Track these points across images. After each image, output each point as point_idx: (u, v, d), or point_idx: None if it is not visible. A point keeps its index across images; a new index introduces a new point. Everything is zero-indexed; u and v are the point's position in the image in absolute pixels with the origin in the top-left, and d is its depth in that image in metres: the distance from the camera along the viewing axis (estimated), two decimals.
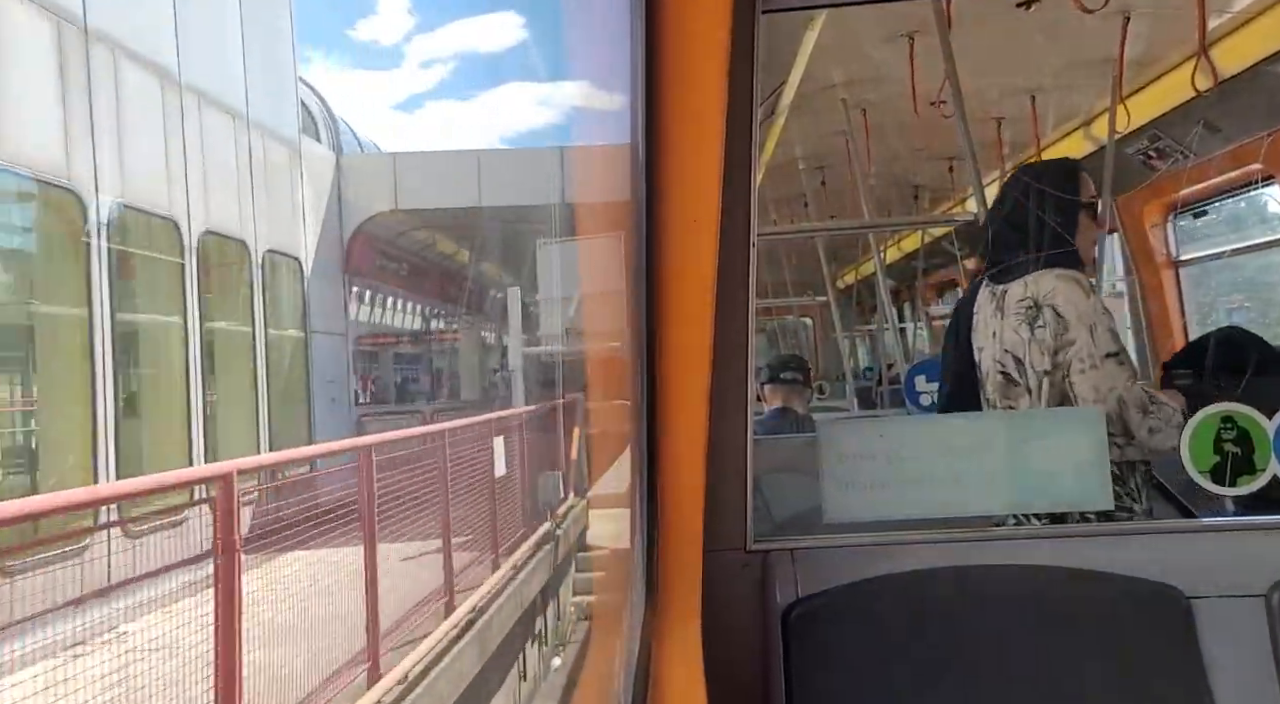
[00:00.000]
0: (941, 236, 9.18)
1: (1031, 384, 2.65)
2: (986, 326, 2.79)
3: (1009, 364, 2.71)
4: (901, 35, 4.80)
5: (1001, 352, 2.73)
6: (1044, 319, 2.64)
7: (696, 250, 1.69)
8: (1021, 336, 2.68)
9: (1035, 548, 2.18)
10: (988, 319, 2.79)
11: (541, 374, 17.21)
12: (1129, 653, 2.05)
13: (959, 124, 4.20)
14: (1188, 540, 2.19)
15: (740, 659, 2.07)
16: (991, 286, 2.81)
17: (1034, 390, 2.65)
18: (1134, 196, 6.00)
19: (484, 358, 25.59)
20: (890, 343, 10.40)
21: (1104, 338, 2.59)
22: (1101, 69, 5.29)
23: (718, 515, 2.00)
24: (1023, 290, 2.71)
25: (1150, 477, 2.65)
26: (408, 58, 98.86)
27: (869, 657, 2.06)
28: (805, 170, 7.98)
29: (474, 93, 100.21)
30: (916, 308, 12.40)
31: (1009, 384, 2.70)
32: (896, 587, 2.09)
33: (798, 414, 4.66)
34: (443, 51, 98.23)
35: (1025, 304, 2.70)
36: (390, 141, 75.16)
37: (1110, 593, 2.08)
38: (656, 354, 1.79)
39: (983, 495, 2.25)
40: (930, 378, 4.72)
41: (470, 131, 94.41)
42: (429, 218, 19.56)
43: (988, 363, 2.77)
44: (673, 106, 1.53)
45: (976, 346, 2.81)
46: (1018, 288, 2.72)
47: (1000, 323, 2.74)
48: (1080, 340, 2.60)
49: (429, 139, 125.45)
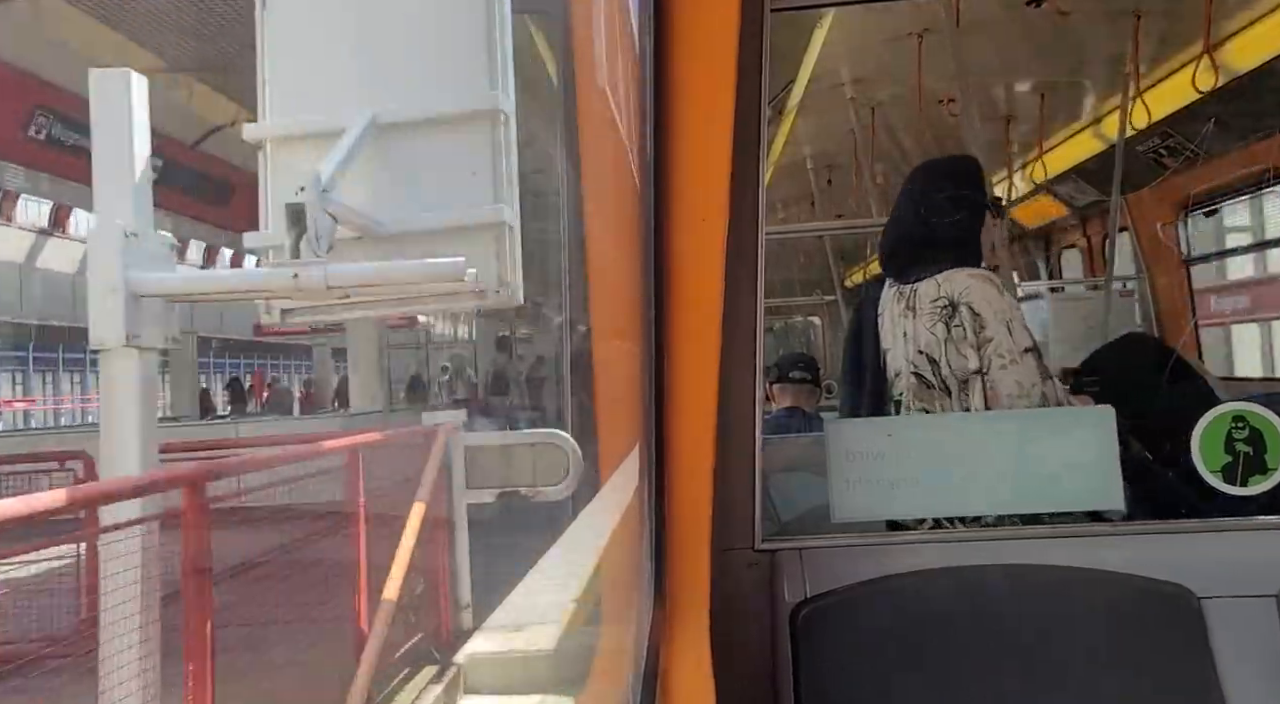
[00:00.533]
0: None
1: (951, 385, 2.61)
2: (895, 326, 2.71)
3: (923, 365, 2.65)
4: (910, 34, 4.79)
5: (915, 352, 2.66)
6: (960, 318, 2.60)
7: (705, 249, 1.69)
8: (938, 336, 2.63)
9: (1045, 547, 2.17)
10: (896, 318, 2.71)
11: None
12: (1139, 653, 2.04)
13: (967, 123, 4.18)
14: (1199, 540, 2.18)
15: (749, 658, 2.06)
16: (898, 286, 2.73)
17: (954, 391, 2.60)
18: (1144, 195, 5.98)
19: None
20: None
21: (1020, 333, 2.58)
22: (1111, 67, 5.28)
23: (726, 514, 1.99)
24: (935, 289, 2.66)
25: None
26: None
27: (878, 656, 2.05)
28: (813, 169, 7.97)
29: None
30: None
31: (923, 386, 2.64)
32: (905, 586, 2.09)
33: (806, 413, 4.65)
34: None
35: (940, 303, 2.64)
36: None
37: (1120, 593, 2.07)
38: (665, 353, 1.78)
39: (992, 494, 2.24)
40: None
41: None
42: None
43: (898, 364, 2.70)
44: (681, 104, 1.53)
45: (883, 347, 2.74)
46: (929, 287, 2.66)
47: (912, 323, 2.68)
48: (998, 336, 2.58)
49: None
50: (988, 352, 2.59)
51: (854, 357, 2.86)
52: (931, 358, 2.63)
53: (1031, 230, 8.34)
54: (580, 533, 7.17)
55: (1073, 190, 7.04)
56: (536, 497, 6.52)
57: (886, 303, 2.74)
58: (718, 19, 1.48)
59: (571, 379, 11.91)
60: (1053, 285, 7.89)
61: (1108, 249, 6.09)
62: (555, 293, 19.60)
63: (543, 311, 13.93)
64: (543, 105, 6.77)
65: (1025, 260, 8.79)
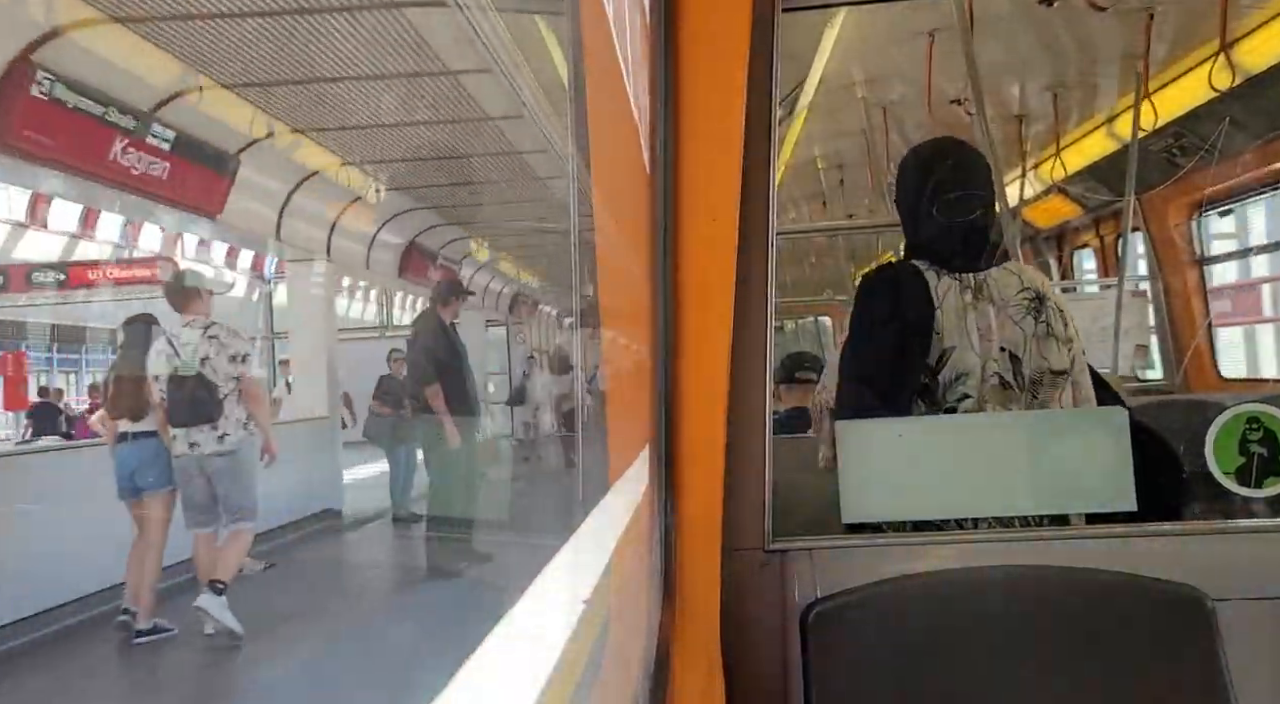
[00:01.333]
0: None
1: (1026, 385, 2.35)
2: (960, 320, 2.35)
3: (1004, 364, 2.34)
4: (922, 33, 4.77)
5: (997, 351, 2.34)
6: (1046, 313, 2.36)
7: (716, 248, 1.69)
8: (1025, 332, 2.35)
9: (1055, 548, 2.16)
10: (961, 312, 2.35)
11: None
12: (1150, 656, 2.03)
13: (979, 122, 4.17)
14: (1212, 541, 2.17)
15: (759, 658, 2.06)
16: (960, 276, 2.38)
17: (1024, 392, 2.34)
18: (1158, 195, 5.95)
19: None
20: None
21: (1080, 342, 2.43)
22: (1125, 66, 5.25)
23: (736, 514, 1.99)
24: (1017, 280, 2.39)
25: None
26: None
27: (889, 656, 2.05)
28: (824, 169, 7.96)
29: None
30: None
31: (1002, 387, 2.34)
32: (915, 587, 2.08)
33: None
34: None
35: (1027, 295, 2.37)
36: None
37: (1131, 595, 2.06)
38: (675, 352, 1.78)
39: (1003, 495, 2.23)
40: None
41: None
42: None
43: (967, 363, 2.34)
44: (693, 104, 1.53)
45: (945, 345, 2.35)
46: (1006, 277, 2.38)
47: (994, 316, 2.35)
48: (1078, 340, 2.41)
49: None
50: (1074, 350, 2.38)
51: (871, 351, 2.46)
52: (1015, 355, 2.34)
53: (1044, 230, 8.32)
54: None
55: (1085, 190, 7.02)
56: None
57: (943, 294, 2.36)
58: (729, 18, 1.48)
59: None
60: (1064, 286, 7.86)
61: (1120, 249, 6.06)
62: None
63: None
64: (555, 105, 6.74)
65: (1038, 261, 8.76)
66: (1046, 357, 2.35)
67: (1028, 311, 2.36)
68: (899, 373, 2.36)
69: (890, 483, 2.20)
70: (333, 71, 8.63)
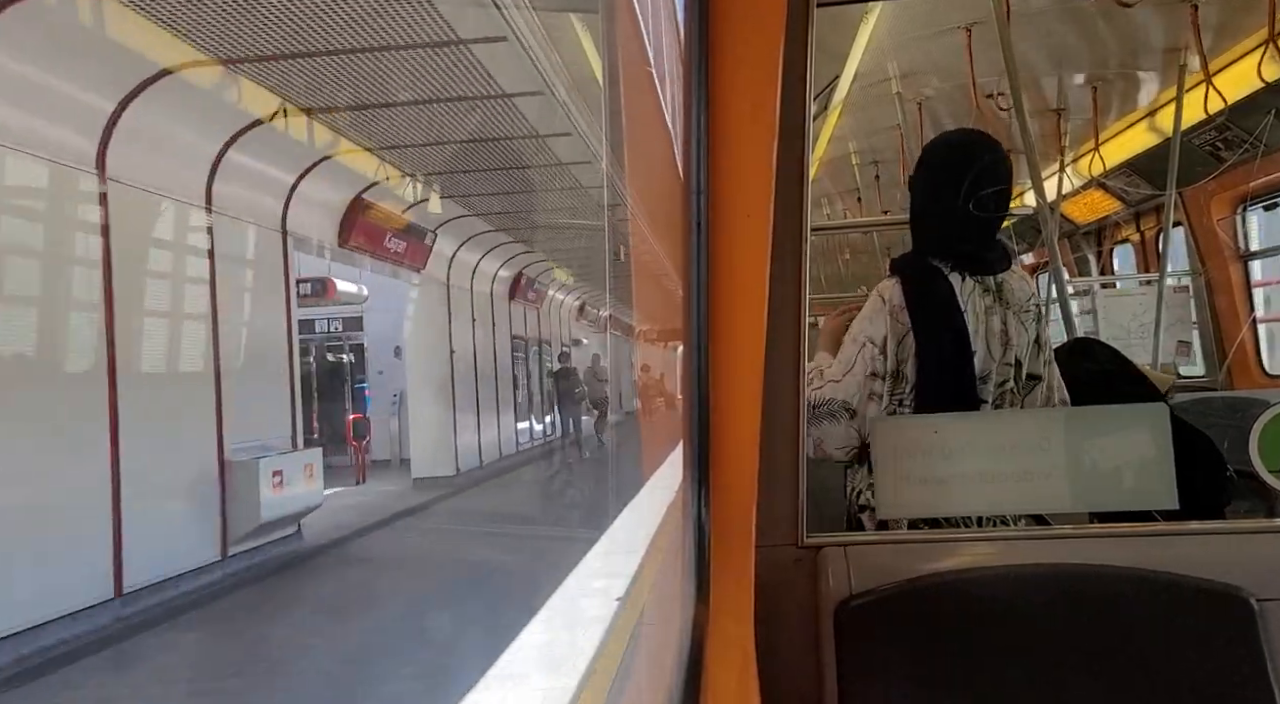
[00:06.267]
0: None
1: (1022, 389, 2.41)
2: (980, 323, 2.36)
3: (1011, 370, 2.38)
4: (959, 27, 4.73)
5: (1010, 356, 2.38)
6: (1043, 319, 2.42)
7: (750, 244, 1.69)
8: (1029, 336, 2.40)
9: (1093, 547, 2.13)
10: (980, 315, 2.37)
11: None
12: (1191, 657, 2.00)
13: (1016, 117, 4.12)
14: (1255, 541, 2.13)
15: (792, 655, 2.06)
16: (980, 278, 2.38)
17: (1020, 396, 2.40)
18: (1201, 189, 5.85)
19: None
20: None
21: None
22: (1167, 58, 5.16)
23: (770, 510, 1.99)
24: (1025, 286, 2.41)
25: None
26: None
27: (922, 654, 2.04)
28: (859, 165, 7.91)
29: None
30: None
31: (1014, 393, 2.39)
32: (950, 584, 2.07)
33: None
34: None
35: (1035, 302, 2.40)
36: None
37: (1172, 594, 2.03)
38: (710, 349, 1.79)
39: (1040, 493, 2.21)
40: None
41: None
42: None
43: (985, 366, 2.37)
44: (727, 99, 1.53)
45: (979, 346, 2.37)
46: (1017, 283, 2.40)
47: (1010, 322, 2.37)
48: (1049, 346, 2.45)
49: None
50: (1045, 354, 2.45)
51: (944, 347, 2.38)
52: (1019, 361, 2.37)
53: (1083, 226, 8.20)
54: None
55: (1125, 184, 6.92)
56: None
57: (967, 296, 2.36)
58: (763, 13, 1.48)
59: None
60: (1104, 281, 7.75)
61: (1161, 244, 5.97)
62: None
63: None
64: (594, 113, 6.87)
65: (1076, 256, 8.64)
66: (1035, 362, 2.42)
67: (1034, 318, 2.41)
68: (966, 368, 2.35)
69: (925, 480, 2.19)
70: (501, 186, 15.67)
